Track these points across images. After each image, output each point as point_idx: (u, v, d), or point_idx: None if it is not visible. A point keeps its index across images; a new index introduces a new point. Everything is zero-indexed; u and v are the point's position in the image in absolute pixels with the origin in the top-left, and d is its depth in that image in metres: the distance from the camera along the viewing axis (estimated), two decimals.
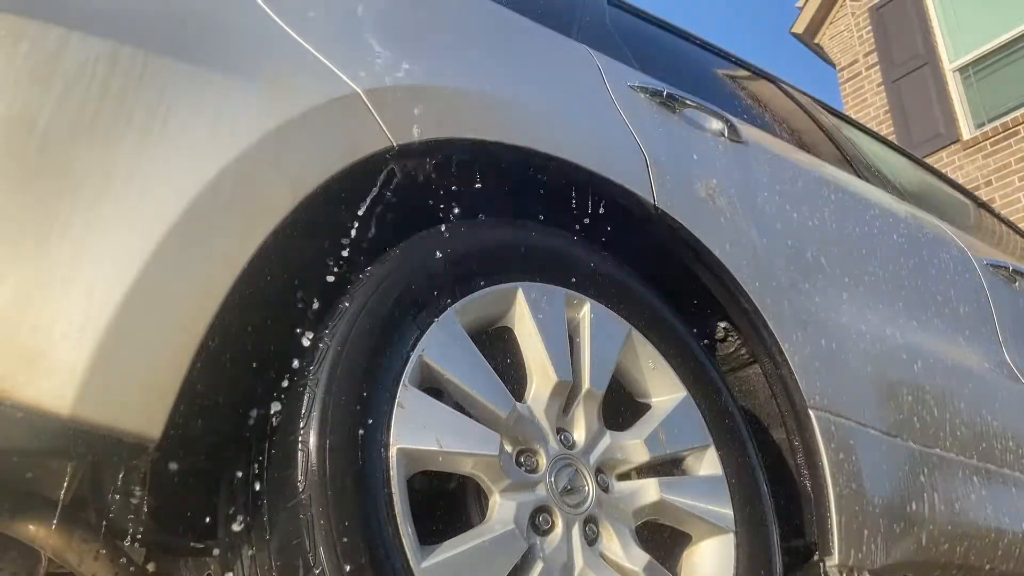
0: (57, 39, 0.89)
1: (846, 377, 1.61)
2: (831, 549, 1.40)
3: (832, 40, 8.91)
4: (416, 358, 1.05)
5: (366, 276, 1.07)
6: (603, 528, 1.16)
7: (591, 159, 1.35)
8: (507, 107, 1.31)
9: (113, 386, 0.82)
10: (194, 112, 0.95)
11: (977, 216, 3.23)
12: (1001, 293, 2.39)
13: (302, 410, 0.94)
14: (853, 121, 3.00)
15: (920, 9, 8.05)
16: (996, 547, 1.82)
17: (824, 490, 1.42)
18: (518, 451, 1.11)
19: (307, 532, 0.89)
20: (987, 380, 2.07)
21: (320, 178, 1.01)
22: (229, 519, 0.98)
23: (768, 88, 2.56)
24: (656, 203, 1.42)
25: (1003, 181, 7.10)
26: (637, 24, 2.13)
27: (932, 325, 1.99)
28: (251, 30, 1.08)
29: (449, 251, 1.15)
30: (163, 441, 0.84)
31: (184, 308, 0.88)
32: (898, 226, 2.20)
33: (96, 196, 0.86)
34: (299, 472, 0.91)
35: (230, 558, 0.98)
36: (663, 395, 1.35)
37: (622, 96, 1.59)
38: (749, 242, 1.57)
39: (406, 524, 0.95)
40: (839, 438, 1.49)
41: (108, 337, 0.82)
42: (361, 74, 1.11)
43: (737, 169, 1.74)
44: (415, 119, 1.14)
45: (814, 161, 2.13)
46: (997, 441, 1.95)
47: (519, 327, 1.20)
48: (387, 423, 0.99)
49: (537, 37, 1.59)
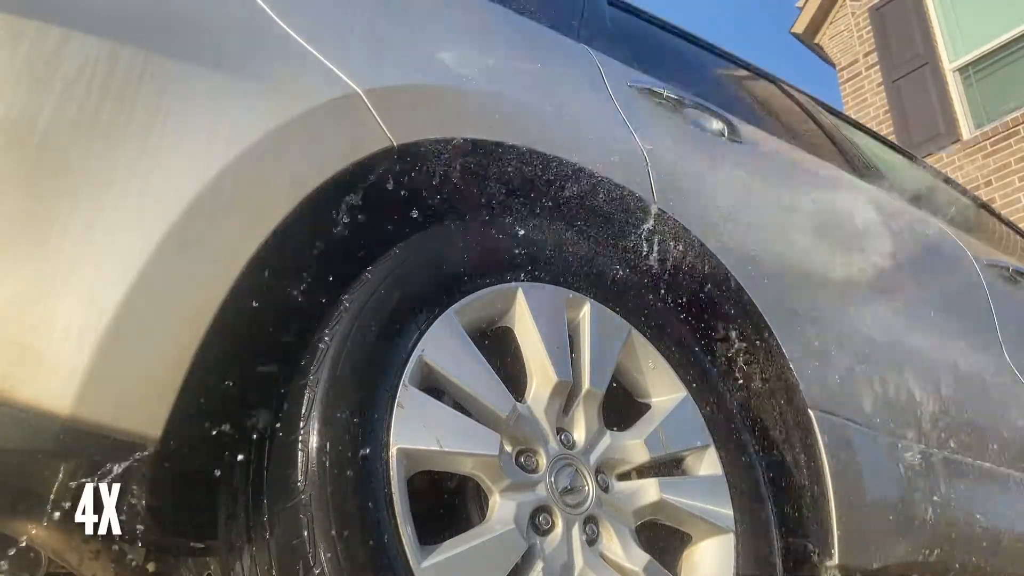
0: (57, 39, 0.89)
1: (846, 377, 1.61)
2: (831, 549, 1.40)
3: (832, 40, 8.91)
4: (416, 358, 1.05)
5: (366, 276, 1.07)
6: (603, 528, 1.16)
7: (591, 159, 1.35)
8: (507, 107, 1.31)
9: (113, 386, 0.82)
10: (194, 112, 0.95)
11: (977, 216, 3.23)
12: (1001, 293, 2.38)
13: (302, 410, 0.94)
14: (853, 121, 2.99)
15: (920, 9, 8.04)
16: (996, 547, 1.82)
17: (824, 490, 1.42)
18: (518, 451, 1.11)
19: (307, 532, 0.89)
20: (987, 380, 2.07)
21: (320, 178, 1.01)
22: (229, 519, 0.98)
23: (768, 88, 2.56)
24: (656, 203, 1.42)
25: (1003, 181, 7.09)
26: (637, 24, 2.12)
27: (932, 325, 1.99)
28: (251, 30, 1.07)
29: (449, 251, 1.15)
30: (163, 441, 0.84)
31: (184, 308, 0.88)
32: (898, 226, 2.20)
33: (96, 196, 0.86)
34: (299, 472, 0.91)
35: (230, 558, 0.98)
36: (663, 395, 1.35)
37: (622, 96, 1.59)
38: (749, 242, 1.57)
39: (406, 524, 0.95)
40: (839, 438, 1.49)
41: (108, 337, 0.82)
42: (361, 74, 1.11)
43: (737, 169, 1.74)
44: (415, 119, 1.14)
45: (814, 161, 2.13)
46: (997, 441, 1.95)
47: (519, 327, 1.20)
48: (387, 423, 0.99)
49: (537, 37, 1.59)
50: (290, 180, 0.98)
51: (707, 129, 1.74)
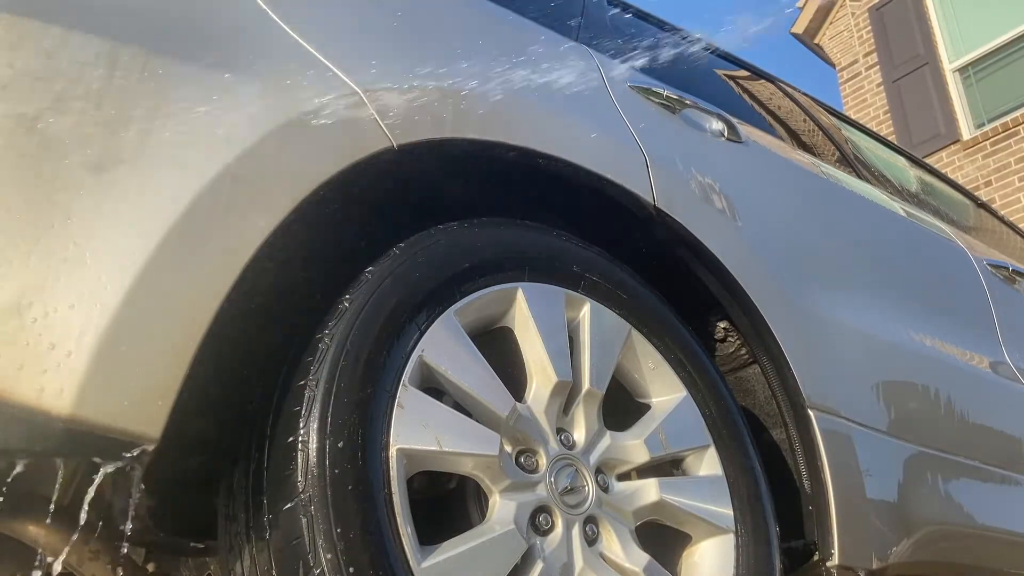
0: (57, 39, 0.89)
1: (846, 377, 1.61)
2: (831, 549, 1.40)
3: (832, 40, 8.91)
4: (416, 358, 1.05)
5: (366, 276, 1.07)
6: (603, 528, 1.16)
7: (591, 159, 1.35)
8: (507, 107, 1.31)
9: (113, 386, 0.82)
10: (194, 112, 0.95)
11: (977, 216, 3.24)
12: (1001, 293, 2.39)
13: (302, 410, 0.94)
14: (853, 121, 3.00)
15: (920, 9, 8.04)
16: (996, 547, 1.82)
17: (824, 490, 1.42)
18: (518, 451, 1.11)
19: (307, 532, 0.89)
20: (987, 380, 2.07)
21: (320, 178, 1.01)
22: (229, 519, 0.98)
23: (768, 88, 2.56)
24: (656, 203, 1.42)
25: (1003, 181, 7.10)
26: (637, 24, 2.13)
27: (932, 325, 1.99)
28: (251, 30, 1.07)
29: (449, 251, 1.15)
30: (163, 441, 0.84)
31: (184, 308, 0.88)
32: (898, 226, 2.20)
33: (96, 196, 0.86)
34: (299, 472, 0.91)
35: (230, 558, 0.98)
36: (663, 395, 1.35)
37: (622, 96, 1.59)
38: (749, 242, 1.57)
39: (406, 524, 0.95)
40: (839, 438, 1.49)
41: (108, 337, 0.82)
42: (361, 74, 1.11)
43: (737, 169, 1.74)
44: (415, 119, 1.14)
45: (814, 161, 2.13)
46: (997, 441, 1.95)
47: (519, 327, 1.20)
48: (387, 423, 0.99)
49: (537, 37, 1.59)
50: (290, 180, 0.98)
51: (707, 129, 1.74)
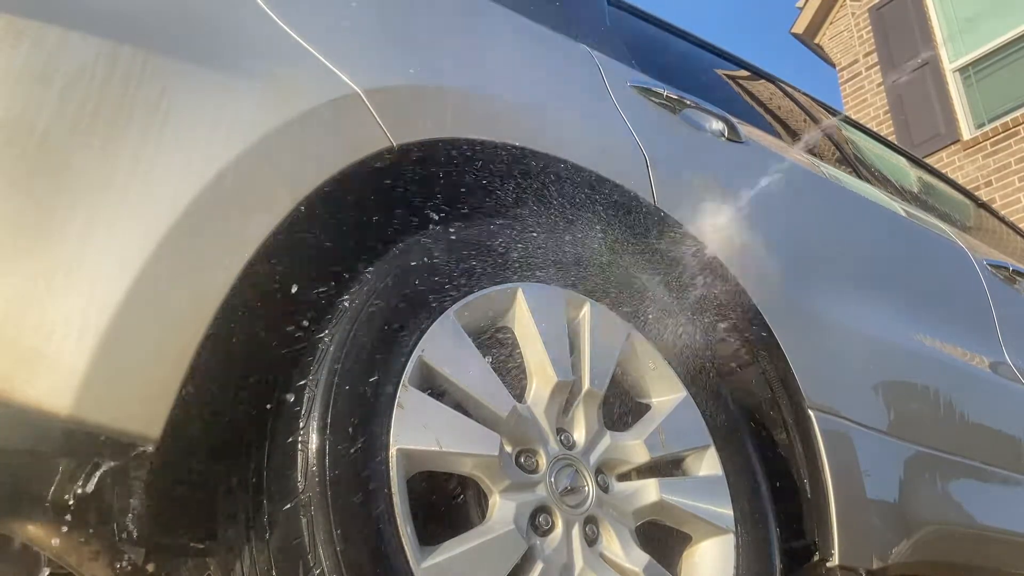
0: (57, 39, 0.89)
1: (846, 377, 1.61)
2: (831, 549, 1.40)
3: (832, 40, 8.91)
4: (416, 358, 1.05)
5: (366, 276, 1.07)
6: (603, 528, 1.16)
7: (591, 159, 1.35)
8: (507, 107, 1.31)
9: (113, 386, 0.82)
10: (194, 112, 0.95)
11: (977, 216, 3.23)
12: (1001, 293, 2.38)
13: (302, 410, 0.94)
14: (853, 121, 2.99)
15: (920, 9, 8.04)
16: (996, 547, 1.82)
17: (824, 490, 1.42)
18: (518, 451, 1.11)
19: (307, 532, 0.89)
20: (987, 380, 2.06)
21: (320, 178, 1.01)
22: (229, 519, 0.98)
23: (768, 88, 2.56)
24: (656, 203, 1.42)
25: (1003, 181, 7.10)
26: (637, 24, 2.12)
27: (932, 325, 1.98)
28: (251, 30, 1.07)
29: (449, 251, 1.15)
30: (163, 441, 0.84)
31: (184, 308, 0.88)
32: (898, 226, 2.20)
33: (96, 196, 0.86)
34: (299, 472, 0.91)
35: (229, 558, 0.98)
36: (663, 395, 1.35)
37: (622, 96, 1.59)
38: (749, 242, 1.57)
39: (406, 524, 0.95)
40: (839, 438, 1.49)
41: (108, 337, 0.82)
42: (361, 74, 1.11)
43: (737, 169, 1.74)
44: (415, 119, 1.14)
45: (814, 161, 2.13)
46: (997, 442, 1.95)
47: (519, 327, 1.20)
48: (387, 423, 0.99)
49: (537, 37, 1.59)
50: (290, 180, 0.98)
51: (707, 129, 1.74)
